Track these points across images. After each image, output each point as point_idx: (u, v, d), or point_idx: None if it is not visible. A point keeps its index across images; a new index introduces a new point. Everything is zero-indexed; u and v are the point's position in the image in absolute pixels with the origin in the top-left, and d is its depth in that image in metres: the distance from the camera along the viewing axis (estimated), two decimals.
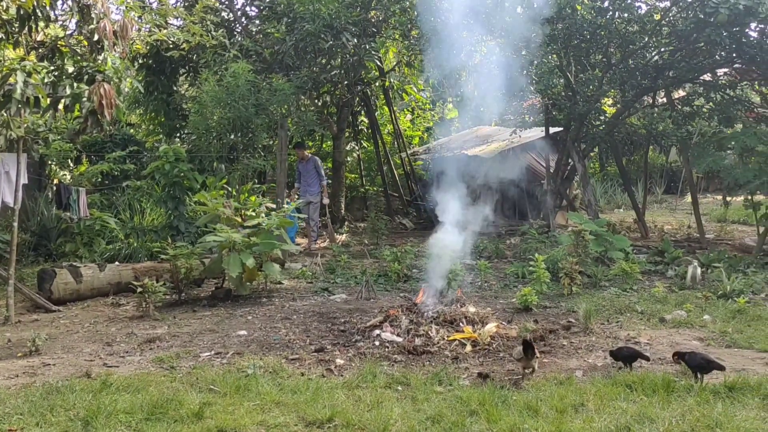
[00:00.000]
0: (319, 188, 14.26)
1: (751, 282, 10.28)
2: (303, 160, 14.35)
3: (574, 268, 9.98)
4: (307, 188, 14.24)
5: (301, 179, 14.38)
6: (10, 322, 8.36)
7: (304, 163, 14.32)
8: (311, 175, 14.24)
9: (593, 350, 7.19)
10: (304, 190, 14.24)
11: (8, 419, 5.14)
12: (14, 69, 8.33)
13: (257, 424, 5.10)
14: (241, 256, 9.22)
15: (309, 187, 14.25)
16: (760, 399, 5.62)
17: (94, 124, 9.72)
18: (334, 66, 15.93)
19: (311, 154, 14.98)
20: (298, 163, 14.61)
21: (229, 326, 8.23)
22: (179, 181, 12.37)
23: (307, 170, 14.30)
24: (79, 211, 11.94)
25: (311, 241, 14.34)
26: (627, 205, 20.57)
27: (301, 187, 14.34)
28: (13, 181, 9.46)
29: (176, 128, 17.28)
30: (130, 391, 5.73)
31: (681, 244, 14.41)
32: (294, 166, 19.38)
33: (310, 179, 14.25)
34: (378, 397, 5.66)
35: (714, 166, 12.98)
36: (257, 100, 13.30)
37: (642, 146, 19.03)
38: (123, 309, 9.26)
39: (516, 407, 5.41)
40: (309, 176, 14.26)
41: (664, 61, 13.90)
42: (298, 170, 14.47)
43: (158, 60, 16.26)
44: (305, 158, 14.36)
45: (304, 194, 14.16)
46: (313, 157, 14.51)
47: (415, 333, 7.42)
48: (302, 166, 14.34)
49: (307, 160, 14.32)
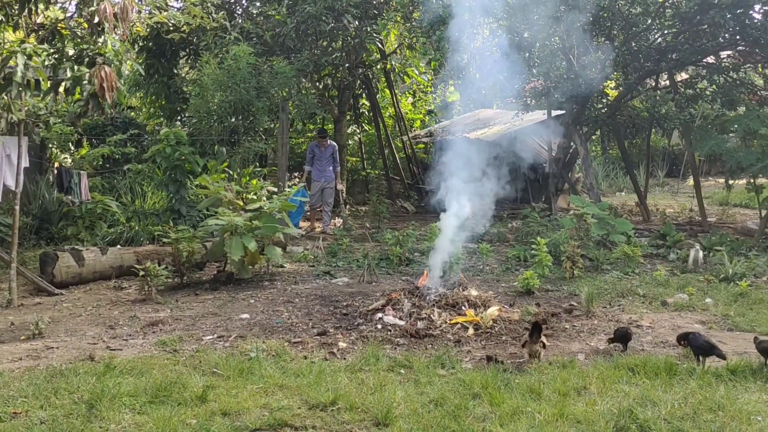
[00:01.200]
0: (333, 173, 14.20)
1: (752, 265, 10.27)
2: (322, 145, 14.23)
3: (576, 252, 9.98)
4: (323, 173, 14.09)
5: (315, 163, 14.17)
6: (13, 306, 8.38)
7: (322, 148, 14.18)
8: (327, 160, 14.12)
9: (595, 333, 7.20)
10: (319, 175, 14.10)
11: (13, 402, 5.16)
12: (14, 52, 8.31)
13: (260, 407, 5.12)
14: (242, 239, 9.21)
15: (324, 172, 14.10)
16: (762, 382, 5.63)
17: (94, 107, 9.72)
18: (335, 48, 15.84)
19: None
20: (313, 146, 14.39)
21: (231, 310, 8.24)
22: (180, 164, 12.33)
23: (324, 155, 14.13)
24: (81, 195, 11.92)
25: (325, 225, 14.25)
26: (629, 188, 20.54)
27: (314, 171, 14.19)
28: (14, 164, 9.44)
29: (177, 111, 17.22)
30: (133, 374, 5.75)
31: (683, 227, 14.40)
32: (297, 150, 19.34)
33: (325, 164, 14.11)
34: (381, 380, 5.67)
35: (716, 149, 12.94)
36: (258, 83, 13.24)
37: (644, 129, 18.95)
38: (125, 292, 9.27)
39: (519, 390, 5.43)
40: (324, 161, 14.11)
41: (668, 43, 13.82)
42: (312, 152, 14.25)
43: (158, 43, 16.17)
44: (324, 144, 14.28)
45: (319, 178, 14.07)
46: (332, 143, 14.47)
47: (418, 316, 7.43)
48: (319, 150, 14.17)
49: (326, 146, 14.24)
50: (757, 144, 12.80)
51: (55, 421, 4.82)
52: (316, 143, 14.43)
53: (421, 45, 16.51)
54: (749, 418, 4.89)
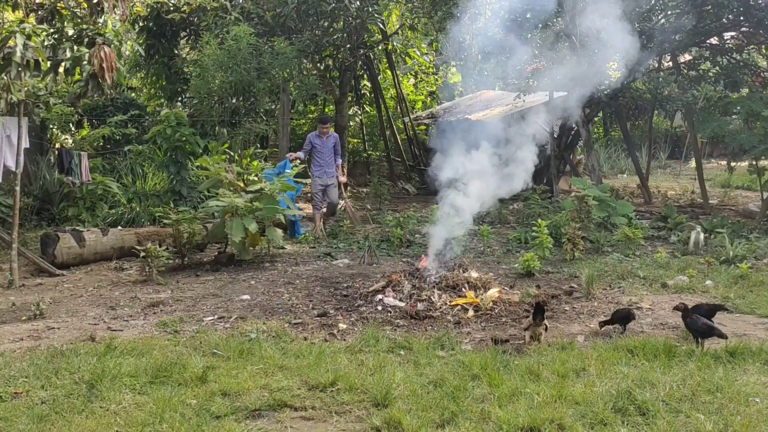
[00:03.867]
0: (335, 168, 12.32)
1: (753, 248, 10.27)
2: (323, 135, 12.20)
3: (577, 234, 9.98)
4: (325, 168, 12.10)
5: (315, 155, 12.16)
6: (14, 286, 8.40)
7: (324, 138, 12.15)
8: (329, 153, 12.17)
9: (595, 315, 7.20)
10: (320, 170, 12.09)
11: (14, 382, 5.18)
12: (14, 32, 8.26)
13: (260, 388, 5.13)
14: (243, 221, 9.21)
15: (327, 167, 12.12)
16: (760, 364, 5.64)
17: (94, 87, 9.67)
18: (336, 29, 15.75)
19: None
20: (313, 136, 12.27)
21: (232, 291, 8.26)
22: (181, 145, 12.33)
23: (325, 147, 12.15)
24: (81, 176, 11.92)
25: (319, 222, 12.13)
26: (631, 170, 20.50)
27: (314, 166, 12.22)
28: (14, 144, 9.42)
29: (178, 92, 17.18)
30: (134, 355, 5.77)
31: (684, 209, 14.39)
32: (298, 132, 19.16)
33: (327, 157, 12.14)
34: (380, 361, 5.68)
35: (719, 131, 12.90)
36: (259, 63, 13.19)
37: (647, 111, 18.89)
38: (126, 273, 9.29)
39: (518, 372, 5.44)
40: (326, 154, 12.14)
41: (671, 24, 13.71)
42: (311, 143, 12.16)
43: (159, 23, 16.10)
44: (326, 133, 12.28)
45: (320, 175, 12.08)
46: (333, 134, 12.52)
47: (418, 298, 7.44)
48: (319, 140, 12.10)
49: (327, 136, 12.22)
50: (760, 126, 12.76)
51: (55, 401, 4.84)
52: (316, 133, 12.34)
53: (422, 26, 16.45)
54: (747, 400, 4.90)
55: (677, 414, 4.70)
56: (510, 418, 4.57)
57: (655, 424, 4.53)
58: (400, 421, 4.55)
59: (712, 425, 4.51)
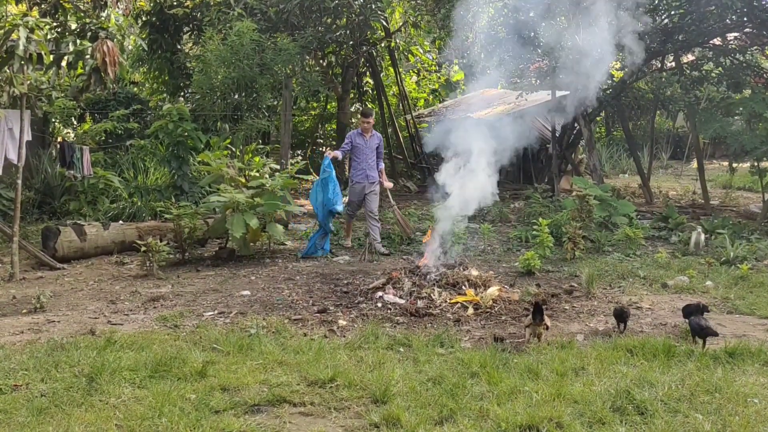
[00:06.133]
0: (378, 172, 10.88)
1: (754, 249, 10.26)
2: (366, 133, 10.74)
3: (578, 233, 9.97)
4: (367, 172, 10.68)
5: (356, 157, 10.77)
6: (15, 279, 8.41)
7: (367, 138, 10.72)
8: (371, 154, 10.75)
9: (595, 314, 7.21)
10: (361, 174, 10.71)
11: (14, 375, 5.20)
12: (17, 25, 8.27)
13: (260, 383, 5.14)
14: (244, 216, 9.22)
15: (369, 170, 10.70)
16: (759, 365, 5.64)
17: (97, 81, 9.70)
18: (339, 26, 15.74)
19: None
20: (354, 135, 10.79)
21: (232, 286, 8.26)
22: (183, 140, 12.33)
23: (368, 147, 10.70)
24: (83, 170, 11.93)
25: (373, 239, 10.57)
26: (632, 170, 20.49)
27: (354, 170, 10.91)
28: (16, 138, 9.44)
29: (180, 87, 17.18)
30: (134, 349, 5.78)
31: (685, 210, 14.38)
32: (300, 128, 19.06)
33: (370, 160, 10.72)
34: (380, 358, 5.69)
35: (721, 131, 12.89)
36: (262, 59, 13.19)
37: (649, 111, 18.86)
38: (127, 268, 9.30)
39: (517, 370, 5.44)
40: (369, 156, 10.72)
41: (674, 24, 13.70)
42: (351, 142, 10.72)
43: (162, 17, 16.09)
44: (369, 131, 10.80)
45: (361, 179, 10.72)
46: (377, 133, 11.11)
47: (418, 295, 7.45)
48: (362, 139, 10.68)
49: (370, 135, 10.78)
50: (762, 127, 12.74)
51: (55, 394, 4.85)
52: (357, 131, 10.86)
53: (425, 23, 16.43)
54: (746, 400, 4.90)
55: (675, 414, 4.70)
56: (508, 416, 4.57)
57: (653, 424, 4.53)
58: (399, 418, 4.55)
59: (711, 425, 4.51)
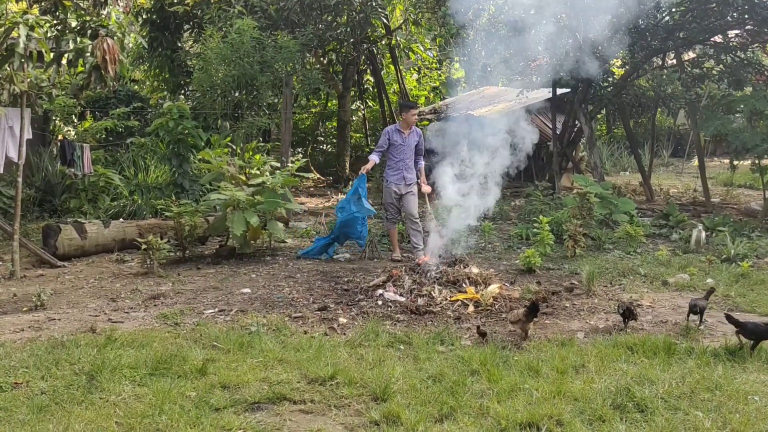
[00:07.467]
0: (417, 172, 9.86)
1: (755, 246, 10.26)
2: (405, 129, 9.71)
3: (579, 231, 9.96)
4: (404, 172, 9.67)
5: (393, 155, 9.73)
6: (16, 277, 8.41)
7: (406, 134, 9.67)
8: (410, 152, 9.69)
9: (595, 312, 7.21)
10: (398, 175, 9.68)
11: (14, 372, 5.20)
12: (17, 23, 8.26)
13: (260, 381, 5.14)
14: (245, 214, 9.21)
15: (406, 171, 9.67)
16: (760, 362, 5.64)
17: (97, 79, 9.68)
18: (340, 23, 15.74)
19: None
20: (392, 131, 9.76)
21: (232, 284, 8.26)
22: (183, 138, 12.33)
23: (406, 145, 9.66)
24: (84, 168, 11.92)
25: (416, 251, 9.60)
26: (633, 167, 20.46)
27: (389, 169, 9.81)
28: (17, 136, 9.43)
29: (180, 85, 17.19)
30: (134, 347, 5.78)
31: (686, 207, 14.37)
32: (300, 126, 19.02)
33: (408, 159, 9.68)
34: (380, 355, 5.69)
35: (722, 129, 12.86)
36: (262, 57, 13.18)
37: (650, 108, 18.84)
38: (127, 265, 9.30)
39: (517, 367, 5.45)
40: (407, 154, 9.67)
41: (675, 21, 13.68)
42: (389, 139, 9.66)
43: (162, 15, 16.10)
44: (409, 127, 9.76)
45: (397, 180, 9.70)
46: (417, 129, 9.88)
47: (418, 293, 7.45)
48: (400, 136, 9.65)
49: (410, 131, 9.71)
50: (763, 125, 12.73)
51: (55, 392, 4.85)
52: (395, 127, 9.85)
53: (426, 21, 16.41)
54: (746, 398, 4.90)
55: (676, 411, 4.70)
56: (509, 414, 4.58)
57: (653, 421, 4.54)
58: (399, 416, 4.56)
59: (711, 423, 4.51)
